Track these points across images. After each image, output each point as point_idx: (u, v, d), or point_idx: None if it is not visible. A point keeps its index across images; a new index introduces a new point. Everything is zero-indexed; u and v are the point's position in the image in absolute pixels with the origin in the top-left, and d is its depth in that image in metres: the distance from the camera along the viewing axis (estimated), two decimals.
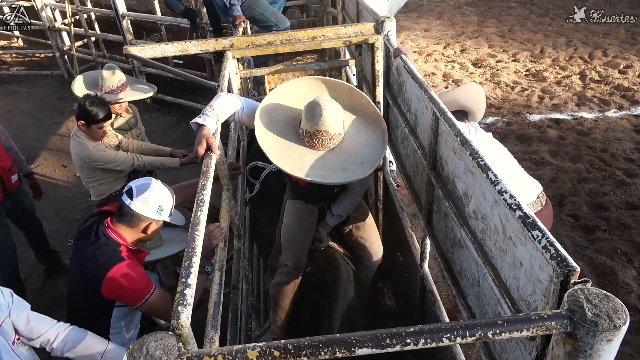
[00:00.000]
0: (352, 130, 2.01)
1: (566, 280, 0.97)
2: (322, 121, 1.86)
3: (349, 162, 1.94)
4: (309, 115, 1.88)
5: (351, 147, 1.98)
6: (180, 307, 1.03)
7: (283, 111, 2.03)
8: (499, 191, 1.24)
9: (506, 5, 9.17)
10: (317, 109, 1.87)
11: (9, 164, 3.13)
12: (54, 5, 7.19)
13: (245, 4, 3.78)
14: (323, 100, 1.89)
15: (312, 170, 1.88)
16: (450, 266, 1.85)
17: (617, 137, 4.89)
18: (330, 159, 1.92)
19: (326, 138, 1.90)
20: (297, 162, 1.88)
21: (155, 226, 2.06)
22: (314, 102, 1.89)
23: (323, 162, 1.91)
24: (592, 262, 3.43)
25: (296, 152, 1.92)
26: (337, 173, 1.91)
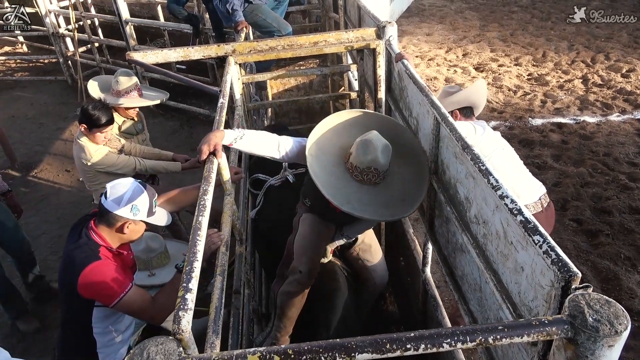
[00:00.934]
0: (395, 166, 2.03)
1: (567, 286, 0.97)
2: (373, 160, 1.90)
3: (393, 198, 1.98)
4: (360, 151, 1.92)
5: (394, 183, 2.01)
6: (181, 312, 1.03)
7: (332, 142, 2.06)
8: (500, 196, 1.24)
9: (508, 10, 9.18)
10: (370, 147, 1.91)
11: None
12: (57, 11, 7.24)
13: (248, 9, 3.80)
14: (376, 139, 1.92)
15: (359, 205, 1.91)
16: (452, 271, 1.85)
17: (620, 141, 4.88)
18: (375, 194, 1.96)
19: (374, 175, 1.94)
20: (344, 195, 1.92)
21: (133, 226, 2.02)
22: (367, 140, 1.92)
23: (369, 197, 1.94)
24: (596, 267, 3.41)
25: (342, 184, 1.95)
26: (382, 210, 1.95)
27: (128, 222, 2.00)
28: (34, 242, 3.81)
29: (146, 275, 2.61)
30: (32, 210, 4.59)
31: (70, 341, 2.12)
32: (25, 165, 5.47)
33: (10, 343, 3.28)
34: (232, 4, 3.63)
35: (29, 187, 5.12)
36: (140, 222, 2.03)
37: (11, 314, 3.35)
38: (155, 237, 2.74)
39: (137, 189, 2.00)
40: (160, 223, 2.11)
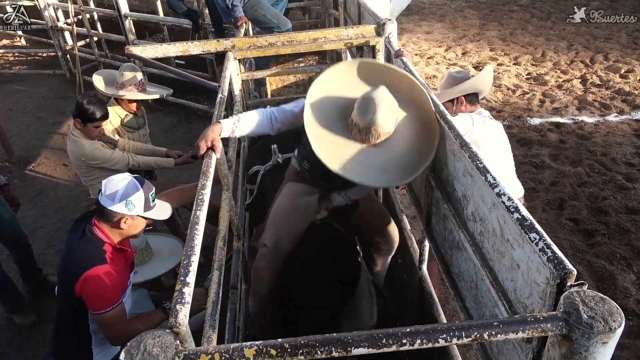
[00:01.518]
0: (403, 128, 1.85)
1: (562, 283, 0.98)
2: (373, 120, 1.74)
3: (391, 163, 1.81)
4: (361, 109, 1.76)
5: (397, 146, 1.83)
6: (178, 306, 1.03)
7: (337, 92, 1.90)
8: (497, 194, 1.24)
9: (508, 9, 9.18)
10: (371, 105, 1.74)
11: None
12: (56, 4, 7.20)
13: (247, 5, 3.79)
14: (379, 97, 1.75)
15: (350, 166, 1.76)
16: (448, 268, 1.85)
17: (618, 142, 4.89)
18: (373, 156, 1.80)
19: (374, 136, 1.78)
20: (337, 153, 1.77)
21: (131, 221, 2.02)
22: (370, 96, 1.75)
23: (364, 158, 1.79)
24: (592, 266, 3.43)
25: (340, 141, 1.80)
26: (376, 174, 1.79)
27: (124, 218, 2.00)
28: (31, 236, 3.80)
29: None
30: (29, 204, 4.59)
31: (66, 335, 2.13)
32: (22, 158, 5.46)
33: (7, 336, 3.28)
34: (232, 0, 3.62)
35: (27, 180, 5.10)
36: (137, 217, 2.04)
37: (7, 307, 3.34)
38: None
39: (131, 184, 2.00)
40: (159, 217, 2.12)
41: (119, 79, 3.23)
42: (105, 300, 1.92)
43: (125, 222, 2.01)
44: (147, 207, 2.05)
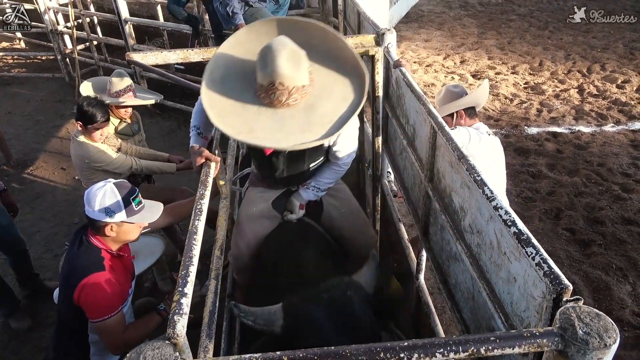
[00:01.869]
0: (324, 81, 1.65)
1: (559, 298, 0.98)
2: (274, 71, 1.51)
3: (314, 122, 1.56)
4: (261, 64, 1.54)
5: (319, 102, 1.61)
6: (176, 317, 1.04)
7: (242, 62, 1.67)
8: (494, 207, 1.25)
9: (506, 18, 9.25)
10: (269, 55, 1.51)
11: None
12: (56, 8, 7.22)
13: (248, 12, 3.81)
14: (277, 44, 1.51)
15: (263, 133, 1.52)
16: (445, 279, 1.86)
17: (614, 152, 4.92)
18: (291, 118, 1.57)
19: (283, 92, 1.55)
20: (247, 123, 1.55)
21: (117, 228, 2.01)
22: (267, 46, 1.53)
23: (281, 122, 1.56)
24: (588, 277, 3.44)
25: (250, 111, 1.58)
26: (296, 135, 1.53)
27: (108, 225, 1.99)
28: (28, 240, 3.80)
29: None
30: (27, 208, 4.58)
31: (65, 343, 2.13)
32: (20, 162, 5.45)
33: (3, 341, 3.27)
34: (233, 7, 3.64)
35: (24, 184, 5.10)
36: (122, 222, 2.02)
37: (3, 311, 3.34)
38: None
39: (108, 191, 1.98)
40: (145, 220, 2.08)
41: (109, 87, 3.21)
42: (103, 308, 1.92)
43: (111, 230, 2.00)
44: (131, 211, 2.02)
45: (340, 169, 2.11)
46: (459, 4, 10.43)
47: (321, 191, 2.16)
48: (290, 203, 2.19)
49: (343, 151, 2.03)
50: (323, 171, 2.11)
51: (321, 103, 1.60)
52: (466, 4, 10.39)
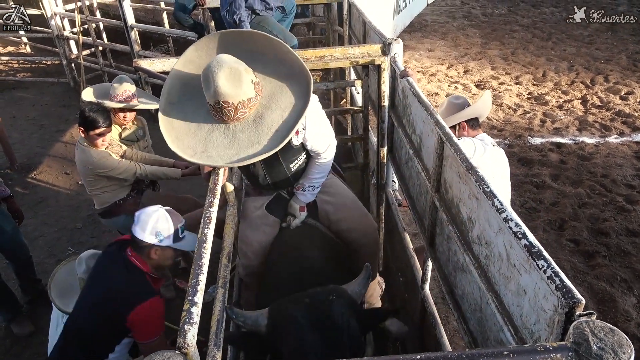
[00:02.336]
0: (272, 90, 1.67)
1: (571, 312, 0.98)
2: (217, 91, 1.54)
3: (262, 132, 1.60)
4: (204, 85, 1.57)
5: (267, 112, 1.63)
6: (186, 326, 1.03)
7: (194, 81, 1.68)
8: (504, 219, 1.25)
9: (509, 29, 9.29)
10: (209, 76, 1.54)
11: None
12: (63, 14, 7.28)
13: (254, 21, 3.84)
14: (215, 64, 1.54)
15: (216, 151, 1.57)
16: (452, 289, 1.85)
17: (618, 163, 4.92)
18: (242, 132, 1.60)
19: (230, 109, 1.57)
20: (202, 142, 1.59)
21: (160, 252, 2.12)
22: (207, 67, 1.56)
23: (232, 137, 1.60)
24: (592, 288, 3.42)
25: (204, 130, 1.61)
26: (247, 149, 1.57)
27: (155, 248, 2.08)
28: (31, 245, 3.80)
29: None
30: (30, 212, 4.58)
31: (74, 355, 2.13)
32: (24, 166, 5.46)
33: (4, 345, 3.26)
34: (240, 15, 3.66)
35: (28, 188, 5.10)
36: (167, 248, 2.12)
37: (5, 316, 3.33)
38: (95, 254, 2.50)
39: (162, 216, 2.09)
40: (187, 249, 2.19)
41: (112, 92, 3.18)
42: (155, 329, 2.02)
43: (155, 253, 2.09)
44: (177, 238, 2.14)
45: (325, 160, 2.11)
46: (463, 14, 10.48)
47: (316, 188, 2.18)
48: (291, 208, 2.19)
49: (317, 146, 2.02)
50: (310, 169, 2.12)
51: (269, 113, 1.63)
52: (469, 14, 10.44)
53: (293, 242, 2.12)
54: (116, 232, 3.51)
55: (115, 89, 3.17)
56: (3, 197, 3.17)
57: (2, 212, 3.15)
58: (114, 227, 3.33)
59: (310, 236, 2.16)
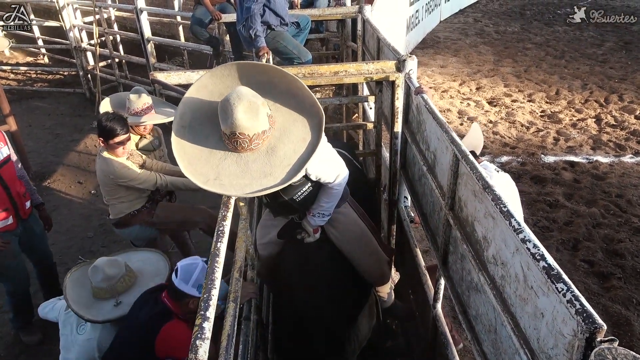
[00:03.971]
0: (284, 122, 1.71)
1: (592, 337, 0.96)
2: (234, 123, 1.58)
3: (275, 165, 1.64)
4: (222, 115, 1.62)
5: (279, 145, 1.68)
6: (198, 341, 1.03)
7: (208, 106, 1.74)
8: (522, 239, 1.23)
9: (522, 46, 9.28)
10: (228, 108, 1.59)
11: (23, 190, 3.09)
12: (81, 26, 7.43)
13: (270, 36, 3.87)
14: (235, 97, 1.59)
15: (228, 179, 1.61)
16: (465, 309, 1.82)
17: (633, 184, 4.85)
18: (254, 162, 1.65)
19: (244, 140, 1.62)
20: (214, 169, 1.63)
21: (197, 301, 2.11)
22: (226, 99, 1.61)
23: (245, 167, 1.63)
24: (607, 311, 3.35)
25: (216, 157, 1.66)
26: (259, 180, 1.61)
27: (193, 299, 2.07)
28: None
29: (112, 305, 2.40)
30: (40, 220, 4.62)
31: None
32: (38, 174, 5.53)
33: (13, 353, 3.27)
34: (255, 30, 3.70)
35: (41, 196, 5.08)
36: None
37: (17, 323, 3.37)
38: (112, 262, 2.48)
39: (204, 269, 2.08)
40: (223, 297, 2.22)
41: (132, 105, 3.20)
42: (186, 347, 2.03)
43: (193, 303, 2.08)
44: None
45: (335, 190, 2.13)
46: (475, 31, 10.51)
47: (326, 215, 2.20)
48: (305, 227, 2.23)
49: (325, 177, 2.04)
50: (320, 196, 2.14)
51: (281, 145, 1.68)
52: (482, 31, 10.46)
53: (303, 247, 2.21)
54: (127, 243, 3.52)
55: (133, 103, 3.18)
56: (36, 204, 3.31)
57: (35, 216, 3.28)
58: (127, 237, 3.34)
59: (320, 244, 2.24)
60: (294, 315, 2.24)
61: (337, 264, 2.26)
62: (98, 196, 5.07)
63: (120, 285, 2.43)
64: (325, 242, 2.26)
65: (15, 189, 3.00)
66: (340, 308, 2.20)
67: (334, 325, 2.13)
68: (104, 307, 2.37)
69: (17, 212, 3.03)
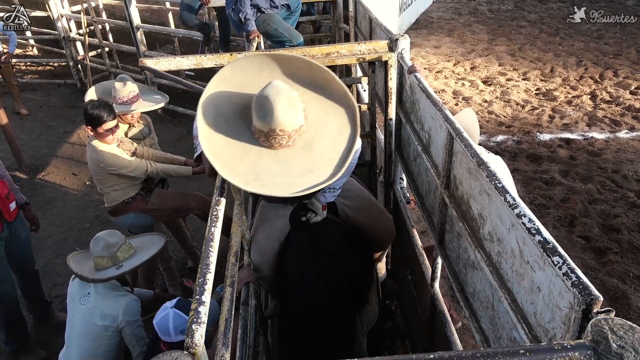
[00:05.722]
0: (316, 116, 1.64)
1: (588, 309, 0.95)
2: (276, 119, 1.51)
3: (315, 161, 1.58)
4: (258, 112, 1.54)
5: (316, 140, 1.62)
6: (194, 326, 1.02)
7: (232, 100, 1.64)
8: (517, 214, 1.22)
9: (516, 24, 9.21)
10: (267, 105, 1.51)
11: (5, 192, 2.91)
12: (69, 15, 7.31)
13: (260, 19, 3.82)
14: (273, 93, 1.51)
15: (271, 179, 1.52)
16: (462, 287, 1.82)
17: (629, 159, 4.85)
18: (293, 159, 1.58)
19: (284, 137, 1.55)
20: (252, 169, 1.54)
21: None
22: (263, 95, 1.53)
23: (284, 165, 1.56)
24: (604, 285, 3.38)
25: (251, 155, 1.57)
26: (302, 178, 1.54)
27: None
28: (39, 245, 3.82)
29: (114, 269, 2.55)
30: (38, 213, 4.56)
31: None
32: (32, 167, 5.49)
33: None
34: (245, 14, 3.64)
35: (36, 189, 5.13)
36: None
37: (13, 345, 3.17)
38: (112, 232, 2.64)
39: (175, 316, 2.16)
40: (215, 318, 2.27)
41: (118, 94, 3.15)
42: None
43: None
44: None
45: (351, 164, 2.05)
46: (469, 10, 10.41)
47: (336, 190, 2.17)
48: (312, 205, 2.17)
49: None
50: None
51: (318, 140, 1.62)
52: (476, 10, 10.37)
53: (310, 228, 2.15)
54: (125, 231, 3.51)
55: (119, 91, 3.14)
56: (21, 204, 3.13)
57: (21, 219, 3.12)
58: (123, 225, 3.34)
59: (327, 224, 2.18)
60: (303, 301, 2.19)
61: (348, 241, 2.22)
62: (93, 187, 5.05)
63: (120, 253, 2.55)
64: (331, 221, 2.22)
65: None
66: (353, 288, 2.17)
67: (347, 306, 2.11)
68: (106, 272, 2.50)
69: (1, 215, 2.88)
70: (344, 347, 1.95)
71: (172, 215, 3.43)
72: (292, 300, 2.09)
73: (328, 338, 1.96)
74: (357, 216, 2.25)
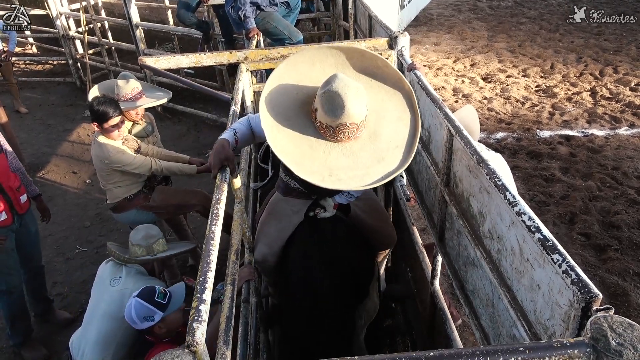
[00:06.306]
0: (374, 104, 1.63)
1: (588, 307, 0.96)
2: (347, 113, 1.51)
3: (382, 149, 1.58)
4: (327, 107, 1.52)
5: (379, 128, 1.61)
6: (195, 324, 1.02)
7: (292, 95, 1.65)
8: (517, 212, 1.23)
9: (516, 21, 9.19)
10: (337, 100, 1.50)
11: (17, 184, 2.94)
12: (68, 13, 7.29)
13: (259, 17, 3.81)
14: (342, 86, 1.51)
15: (345, 173, 1.52)
16: (462, 285, 1.83)
17: (629, 155, 4.85)
18: (361, 151, 1.57)
19: (352, 129, 1.55)
20: (323, 165, 1.53)
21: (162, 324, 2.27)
22: (332, 91, 1.51)
23: (354, 157, 1.55)
24: (604, 283, 3.38)
25: (319, 151, 1.55)
26: (374, 168, 1.54)
27: (156, 326, 2.22)
28: None
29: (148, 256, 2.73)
30: (38, 211, 4.60)
31: None
32: (32, 166, 5.49)
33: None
34: (245, 11, 3.64)
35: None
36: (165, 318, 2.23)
37: (16, 339, 3.18)
38: (152, 226, 2.83)
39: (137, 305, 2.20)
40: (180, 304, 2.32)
41: (122, 92, 3.16)
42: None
43: (160, 328, 2.23)
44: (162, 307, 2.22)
45: None
46: (469, 7, 10.39)
47: (354, 197, 2.18)
48: (325, 202, 2.16)
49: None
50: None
51: (381, 129, 1.62)
52: (475, 7, 10.35)
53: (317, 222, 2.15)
54: (125, 229, 3.51)
55: (122, 89, 3.15)
56: (33, 196, 3.20)
57: (31, 213, 3.13)
58: (124, 221, 3.34)
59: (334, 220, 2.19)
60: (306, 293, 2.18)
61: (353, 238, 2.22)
62: (93, 185, 5.06)
63: (157, 246, 2.71)
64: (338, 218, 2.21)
65: (8, 183, 2.86)
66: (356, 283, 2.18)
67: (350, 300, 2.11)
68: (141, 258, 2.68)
69: (11, 206, 2.89)
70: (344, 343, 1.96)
71: (174, 212, 3.43)
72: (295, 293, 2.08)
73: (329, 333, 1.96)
74: (365, 218, 2.26)
